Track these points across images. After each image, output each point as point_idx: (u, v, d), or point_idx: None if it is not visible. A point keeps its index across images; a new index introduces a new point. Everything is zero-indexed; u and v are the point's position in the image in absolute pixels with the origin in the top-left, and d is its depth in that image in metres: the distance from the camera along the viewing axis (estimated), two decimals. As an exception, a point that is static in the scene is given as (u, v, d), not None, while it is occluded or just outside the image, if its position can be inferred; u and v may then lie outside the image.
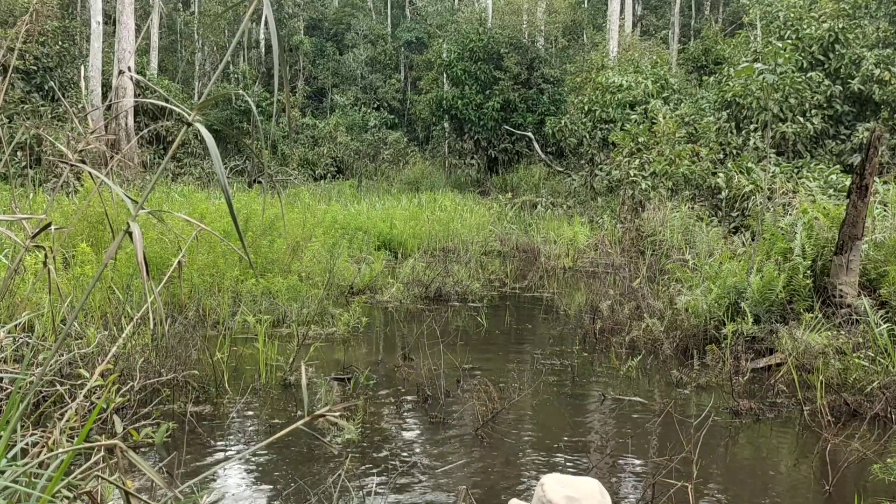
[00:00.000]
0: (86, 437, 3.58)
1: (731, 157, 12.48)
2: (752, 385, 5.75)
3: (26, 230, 2.10)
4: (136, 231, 1.35)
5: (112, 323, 5.56)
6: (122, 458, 1.64)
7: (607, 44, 21.33)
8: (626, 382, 5.95)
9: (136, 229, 1.36)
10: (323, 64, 31.52)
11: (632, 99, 16.41)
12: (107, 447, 1.66)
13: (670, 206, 10.98)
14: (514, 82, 22.52)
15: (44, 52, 17.31)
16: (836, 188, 9.73)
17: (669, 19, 29.10)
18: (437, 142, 26.44)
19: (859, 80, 12.77)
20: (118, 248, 5.42)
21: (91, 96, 17.34)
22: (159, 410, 4.64)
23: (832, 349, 5.51)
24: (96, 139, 9.56)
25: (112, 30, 19.91)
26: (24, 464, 1.86)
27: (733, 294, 6.68)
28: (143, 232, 6.78)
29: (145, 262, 1.42)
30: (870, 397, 5.05)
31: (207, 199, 11.24)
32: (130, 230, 1.35)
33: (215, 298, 7.13)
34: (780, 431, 5.00)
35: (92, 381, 3.52)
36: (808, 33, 13.29)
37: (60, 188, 9.86)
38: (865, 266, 6.68)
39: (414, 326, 7.44)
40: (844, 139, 12.86)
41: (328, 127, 25.16)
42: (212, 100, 9.29)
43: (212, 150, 1.33)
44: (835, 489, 3.95)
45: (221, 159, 4.52)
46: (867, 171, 6.37)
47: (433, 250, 12.62)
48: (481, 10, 25.51)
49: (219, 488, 3.91)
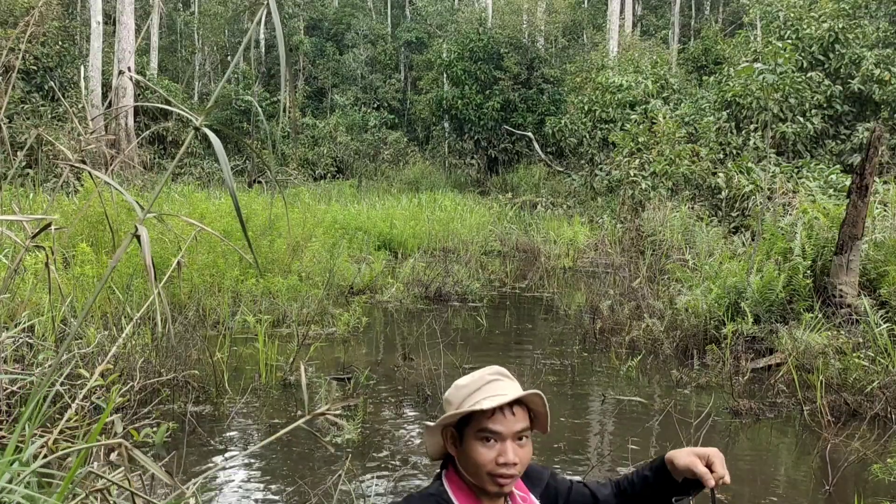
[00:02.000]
0: (84, 437, 3.58)
1: (731, 157, 12.48)
2: (752, 385, 5.75)
3: (26, 230, 2.10)
4: (143, 235, 1.35)
5: (112, 323, 5.56)
6: (126, 457, 1.65)
7: (607, 44, 21.33)
8: (626, 382, 5.95)
9: (144, 233, 1.36)
10: (323, 64, 31.50)
11: (632, 99, 16.41)
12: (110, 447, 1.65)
13: (670, 206, 10.98)
14: (514, 82, 22.52)
15: (44, 52, 17.31)
16: (836, 188, 9.72)
17: (669, 19, 29.09)
18: (437, 142, 26.43)
19: (859, 80, 12.77)
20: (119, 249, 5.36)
21: (91, 96, 17.33)
22: (159, 410, 4.64)
23: (832, 349, 5.51)
24: (96, 139, 9.56)
25: (112, 30, 19.91)
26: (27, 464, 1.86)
27: (733, 294, 6.68)
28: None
29: (153, 265, 1.41)
30: (870, 397, 5.05)
31: (207, 199, 11.24)
32: (138, 233, 1.35)
33: (215, 298, 7.13)
34: (781, 431, 5.00)
35: (92, 381, 3.53)
36: (808, 33, 13.29)
37: (60, 188, 9.86)
38: (865, 266, 6.68)
39: (414, 326, 7.44)
40: (844, 139, 12.86)
41: (328, 127, 25.15)
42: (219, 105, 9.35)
43: (219, 154, 1.33)
44: (835, 489, 3.95)
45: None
46: (867, 171, 6.37)
47: (433, 250, 12.62)
48: (481, 10, 25.52)
49: (219, 488, 3.92)
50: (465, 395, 1.58)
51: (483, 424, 1.53)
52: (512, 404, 1.55)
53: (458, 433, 1.58)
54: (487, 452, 1.52)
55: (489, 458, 1.52)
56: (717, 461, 1.52)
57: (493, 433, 1.52)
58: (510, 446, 1.52)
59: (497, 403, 1.51)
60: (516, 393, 1.56)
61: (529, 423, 1.60)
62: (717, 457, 1.53)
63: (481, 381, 1.59)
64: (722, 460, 1.53)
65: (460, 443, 1.57)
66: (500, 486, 1.53)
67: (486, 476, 1.53)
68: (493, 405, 1.51)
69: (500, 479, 1.52)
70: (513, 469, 1.52)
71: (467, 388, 1.59)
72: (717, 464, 1.52)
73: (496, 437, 1.52)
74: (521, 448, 1.55)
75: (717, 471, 1.52)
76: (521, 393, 1.57)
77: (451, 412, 1.56)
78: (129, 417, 4.32)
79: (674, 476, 1.57)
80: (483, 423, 1.53)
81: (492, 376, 1.60)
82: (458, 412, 1.55)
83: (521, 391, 1.57)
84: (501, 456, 1.51)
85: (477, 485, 1.57)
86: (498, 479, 1.52)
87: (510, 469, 1.52)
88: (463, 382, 1.60)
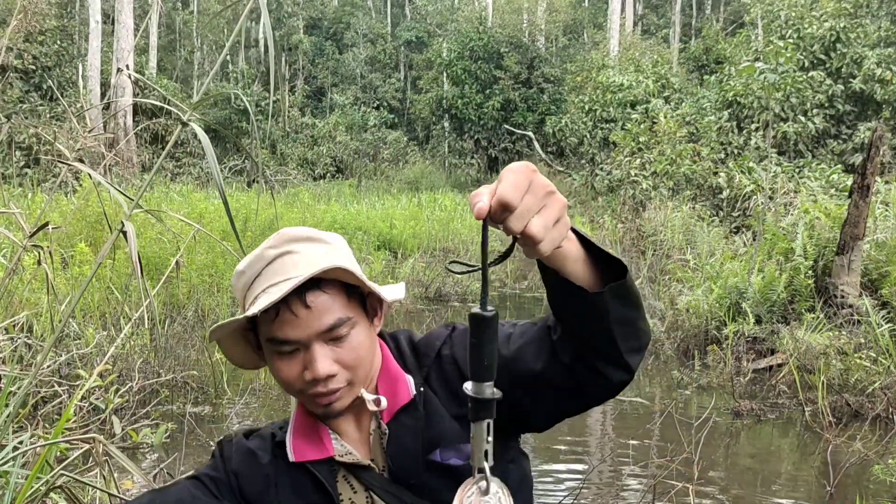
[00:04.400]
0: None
1: (733, 156, 12.46)
2: (753, 386, 5.73)
3: (24, 229, 2.08)
4: (129, 229, 1.33)
5: (111, 323, 5.54)
6: (101, 455, 1.62)
7: (608, 43, 21.31)
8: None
9: (130, 228, 1.34)
10: (322, 63, 31.48)
11: (633, 98, 16.39)
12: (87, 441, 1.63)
13: (671, 205, 10.96)
14: (515, 81, 22.51)
15: (42, 52, 17.29)
16: (838, 188, 9.70)
17: (670, 18, 29.07)
18: (437, 141, 26.42)
19: (861, 80, 12.74)
20: (118, 249, 5.42)
21: (89, 95, 17.31)
22: (158, 411, 4.62)
23: (834, 350, 5.49)
24: (94, 138, 9.54)
25: (111, 29, 19.88)
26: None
27: (734, 294, 6.66)
28: (141, 232, 6.75)
29: (139, 260, 1.40)
30: (871, 398, 5.03)
31: (206, 199, 11.22)
32: (124, 229, 1.33)
33: (214, 298, 7.10)
34: (782, 432, 4.98)
35: (90, 382, 3.51)
36: (810, 32, 13.26)
37: (58, 187, 9.84)
38: (867, 266, 6.66)
39: (414, 326, 7.42)
40: (846, 139, 12.84)
41: (327, 126, 25.13)
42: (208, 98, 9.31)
43: (207, 149, 1.31)
44: (836, 490, 3.93)
45: (221, 159, 4.49)
46: (869, 171, 6.35)
47: (433, 250, 12.60)
48: (481, 9, 25.49)
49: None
50: (243, 287, 1.11)
51: (270, 333, 1.06)
52: (303, 292, 1.03)
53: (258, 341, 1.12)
54: (289, 366, 1.07)
55: (294, 374, 1.07)
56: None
57: (286, 342, 1.06)
58: (318, 353, 1.04)
59: (265, 305, 1.01)
60: (295, 280, 1.02)
61: (355, 301, 1.10)
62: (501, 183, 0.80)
63: (260, 262, 1.09)
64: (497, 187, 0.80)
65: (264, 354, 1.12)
66: (324, 405, 1.08)
67: (300, 396, 1.11)
68: (259, 309, 1.02)
69: (318, 400, 1.07)
70: (332, 382, 1.06)
71: (245, 278, 1.11)
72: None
73: (293, 345, 1.06)
74: (341, 348, 1.06)
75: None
76: (300, 278, 1.02)
77: (218, 324, 1.08)
78: (127, 418, 4.30)
79: (548, 264, 0.96)
80: (269, 331, 1.06)
81: (276, 250, 1.09)
82: (221, 327, 1.08)
83: (310, 271, 1.03)
84: (308, 370, 1.05)
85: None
86: (316, 399, 1.07)
87: (328, 384, 1.06)
88: (242, 266, 1.11)
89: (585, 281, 0.94)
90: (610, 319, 0.95)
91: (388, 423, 1.11)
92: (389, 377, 1.14)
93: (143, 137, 18.98)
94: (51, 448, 2.01)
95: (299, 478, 1.12)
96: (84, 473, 2.76)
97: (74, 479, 1.94)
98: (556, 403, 1.09)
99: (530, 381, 1.05)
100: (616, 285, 0.94)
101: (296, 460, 1.12)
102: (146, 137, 19.11)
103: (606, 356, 0.99)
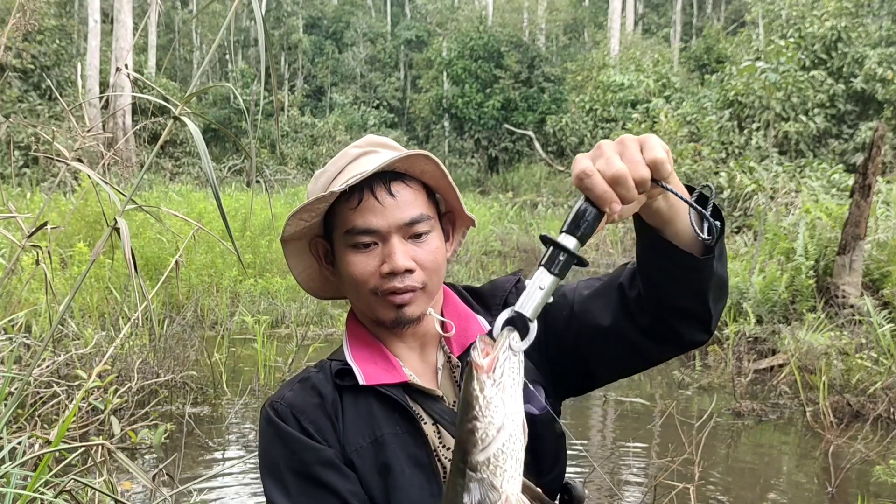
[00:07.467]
0: (81, 438, 3.54)
1: (734, 156, 12.45)
2: (754, 386, 5.72)
3: (23, 229, 2.06)
4: (122, 226, 1.32)
5: (110, 323, 5.52)
6: (108, 459, 1.61)
7: (608, 42, 21.30)
8: (628, 383, 5.91)
9: (123, 224, 1.33)
10: (322, 62, 31.48)
11: (633, 98, 16.39)
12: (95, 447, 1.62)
13: (671, 205, 10.94)
14: (515, 81, 22.50)
15: (41, 51, 17.27)
16: (839, 188, 9.69)
17: (671, 17, 29.06)
18: (437, 141, 26.41)
19: (862, 79, 12.73)
20: (117, 249, 5.38)
21: (88, 95, 17.30)
22: (157, 412, 4.60)
23: (835, 350, 5.48)
24: (93, 138, 9.51)
25: (110, 28, 19.87)
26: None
27: (735, 294, 6.65)
28: (140, 232, 6.73)
29: (133, 257, 1.39)
30: (872, 398, 5.02)
31: (206, 198, 11.20)
32: (118, 226, 1.32)
33: (213, 299, 7.09)
34: (783, 432, 4.97)
35: (90, 383, 3.49)
36: (811, 32, 13.25)
37: (57, 187, 9.82)
38: (868, 266, 6.65)
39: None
40: (847, 138, 12.83)
41: (327, 126, 25.13)
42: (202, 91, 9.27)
43: (198, 142, 1.29)
44: (837, 491, 3.92)
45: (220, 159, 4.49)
46: (870, 171, 6.33)
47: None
48: (482, 8, 25.49)
49: (218, 490, 3.88)
50: (325, 182, 1.06)
51: (350, 223, 1.00)
52: (388, 181, 1.00)
53: (331, 247, 1.07)
54: (366, 261, 1.01)
55: (370, 270, 1.00)
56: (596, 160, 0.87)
57: (366, 231, 1.00)
58: (396, 245, 0.99)
59: (353, 182, 0.97)
60: (388, 157, 0.99)
61: (434, 208, 1.06)
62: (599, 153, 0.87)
63: (344, 158, 1.06)
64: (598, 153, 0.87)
65: (335, 261, 1.07)
66: (398, 305, 1.01)
67: (371, 298, 1.02)
68: (347, 184, 0.97)
69: (392, 298, 1.00)
70: (409, 279, 1.00)
71: (326, 175, 1.06)
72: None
73: (372, 235, 1.00)
74: (419, 247, 1.01)
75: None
76: (392, 157, 0.99)
77: (294, 212, 1.02)
78: (126, 419, 4.29)
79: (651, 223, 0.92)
80: (349, 221, 1.00)
81: (360, 149, 1.07)
82: (300, 210, 1.01)
83: (402, 153, 1.01)
84: (386, 263, 0.99)
85: (376, 321, 1.06)
86: (389, 296, 1.01)
87: (405, 280, 1.00)
88: (323, 169, 1.08)
89: (685, 240, 0.90)
90: (711, 282, 0.92)
91: (460, 356, 1.06)
92: (458, 313, 1.09)
93: (143, 137, 18.98)
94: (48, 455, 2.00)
95: (369, 402, 1.03)
96: (83, 474, 2.74)
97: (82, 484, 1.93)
98: (620, 359, 1.07)
99: (596, 335, 1.03)
100: (718, 244, 0.90)
101: (367, 384, 1.02)
102: (145, 137, 19.10)
103: (692, 316, 0.96)
